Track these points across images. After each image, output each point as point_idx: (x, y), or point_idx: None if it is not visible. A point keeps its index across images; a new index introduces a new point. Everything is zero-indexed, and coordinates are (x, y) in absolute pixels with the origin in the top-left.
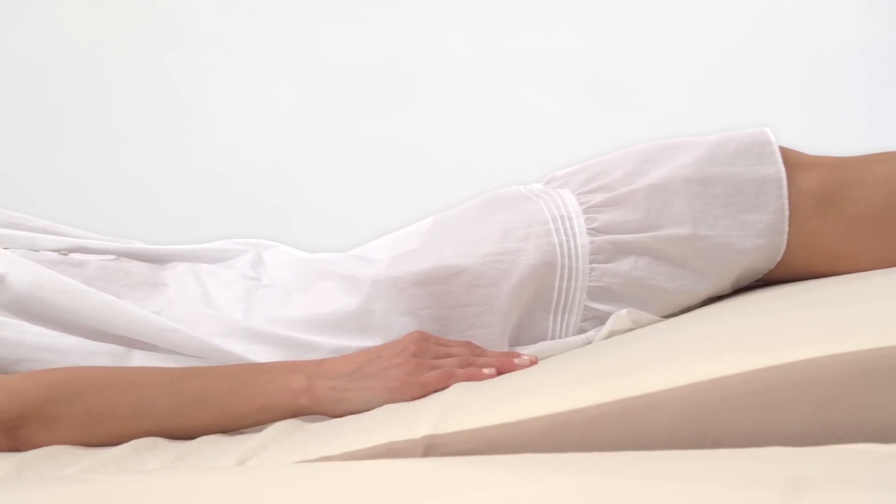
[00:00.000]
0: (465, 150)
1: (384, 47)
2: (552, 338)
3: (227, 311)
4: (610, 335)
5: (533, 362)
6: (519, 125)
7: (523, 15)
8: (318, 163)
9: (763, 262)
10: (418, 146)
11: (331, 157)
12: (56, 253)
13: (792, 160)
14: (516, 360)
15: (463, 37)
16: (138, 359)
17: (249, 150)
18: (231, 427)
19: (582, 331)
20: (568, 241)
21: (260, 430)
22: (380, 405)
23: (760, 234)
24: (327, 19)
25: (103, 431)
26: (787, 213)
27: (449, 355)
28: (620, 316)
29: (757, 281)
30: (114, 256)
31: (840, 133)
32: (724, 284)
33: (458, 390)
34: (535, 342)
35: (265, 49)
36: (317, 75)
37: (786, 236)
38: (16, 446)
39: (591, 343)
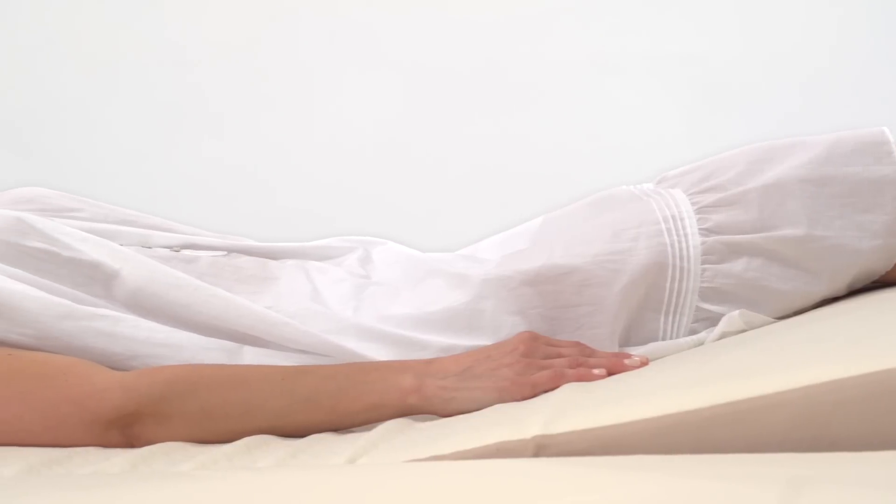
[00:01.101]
0: (575, 151)
1: (491, 47)
2: (663, 339)
3: (337, 308)
4: (722, 336)
5: (644, 363)
6: (628, 125)
7: (632, 15)
8: (424, 162)
9: (879, 263)
10: (526, 146)
11: (437, 157)
12: (168, 249)
13: None
14: (627, 361)
15: (571, 37)
16: (250, 354)
17: (356, 149)
18: (341, 425)
19: (693, 332)
20: (679, 242)
21: (370, 429)
22: (489, 405)
23: (877, 235)
24: (434, 18)
25: (215, 429)
26: None
27: (559, 355)
28: (733, 317)
29: (873, 282)
30: (224, 252)
31: None
32: (840, 286)
33: (568, 391)
34: (645, 343)
35: (372, 48)
36: (423, 75)
37: None
38: (130, 442)
39: (702, 344)
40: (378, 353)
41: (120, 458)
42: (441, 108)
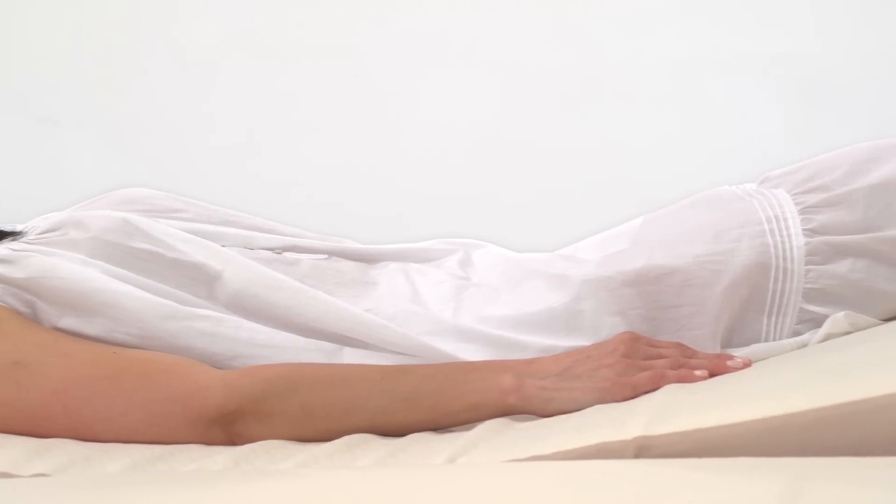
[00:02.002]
0: (676, 151)
1: (590, 46)
2: (766, 340)
3: (436, 310)
4: (826, 338)
5: (746, 365)
6: (730, 125)
7: (733, 13)
8: (521, 163)
9: None
10: (626, 146)
11: (535, 157)
12: (270, 251)
13: None
14: (729, 363)
15: (671, 35)
16: (349, 356)
17: (452, 150)
18: (440, 425)
19: (797, 333)
20: (783, 242)
21: (469, 429)
22: (589, 405)
23: None
24: (532, 17)
25: (315, 427)
26: None
27: (660, 356)
28: (838, 319)
29: None
30: (326, 255)
31: None
32: None
33: (669, 392)
34: (747, 344)
35: (468, 47)
36: (520, 73)
37: None
38: (232, 440)
39: (806, 346)
40: (476, 354)
41: (222, 456)
42: (539, 109)
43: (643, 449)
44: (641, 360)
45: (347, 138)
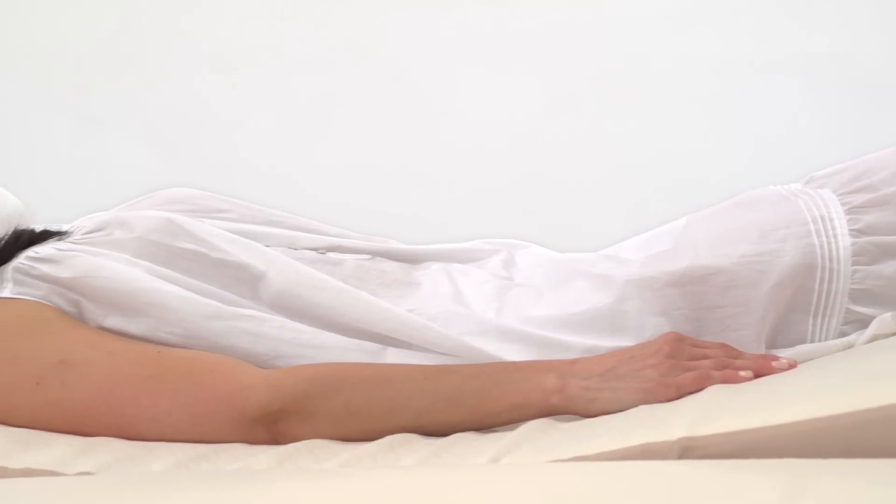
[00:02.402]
0: (720, 150)
1: (633, 45)
2: (811, 341)
3: (480, 310)
4: (873, 339)
5: (792, 366)
6: (775, 125)
7: (779, 13)
8: (565, 163)
9: None
10: (670, 146)
11: (578, 157)
12: (314, 252)
13: None
14: (774, 364)
15: (716, 35)
16: (392, 356)
17: (492, 150)
18: (483, 425)
19: (843, 334)
20: (829, 243)
21: (513, 429)
22: (633, 406)
23: None
24: (570, 16)
25: (359, 427)
26: None
27: (704, 357)
28: (885, 319)
29: None
30: (369, 256)
31: None
32: None
33: (713, 392)
34: (792, 345)
35: (512, 47)
36: (564, 73)
37: None
38: (276, 439)
39: (852, 347)
40: (519, 355)
41: (266, 455)
42: (577, 109)
43: (687, 450)
44: (686, 361)
45: (387, 139)
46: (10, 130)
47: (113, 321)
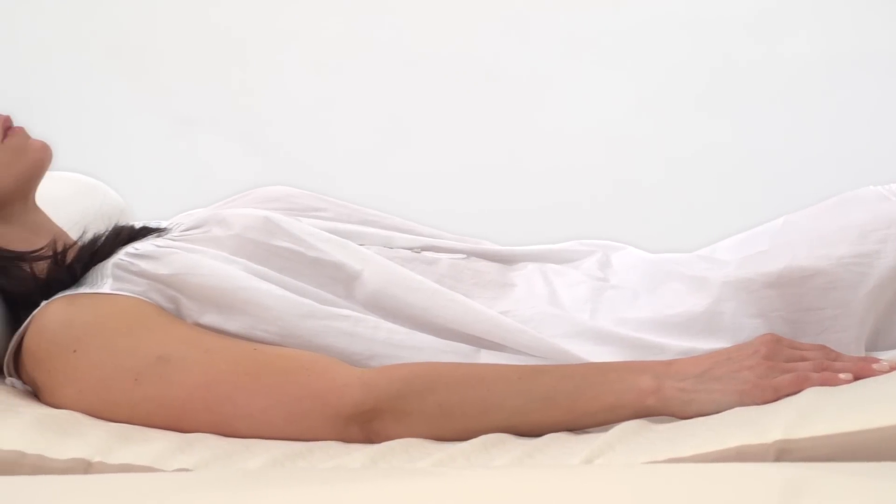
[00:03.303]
0: (817, 150)
1: (725, 45)
2: None
3: (574, 312)
4: None
5: (893, 368)
6: (872, 124)
7: (872, 10)
8: (655, 162)
9: None
10: (765, 145)
11: (674, 157)
12: (409, 251)
13: None
14: (875, 366)
15: (811, 33)
16: (485, 359)
17: (585, 150)
18: (577, 425)
19: None
20: None
21: (606, 430)
22: (730, 408)
23: None
24: (663, 16)
25: (452, 426)
26: None
27: (802, 359)
28: None
29: None
30: (464, 255)
31: None
32: None
33: (811, 395)
34: (893, 348)
35: (602, 46)
36: (652, 73)
37: None
38: (370, 438)
39: None
40: (613, 357)
41: (360, 454)
42: (672, 109)
43: (784, 452)
44: (783, 363)
45: (479, 139)
46: (106, 129)
47: (210, 318)
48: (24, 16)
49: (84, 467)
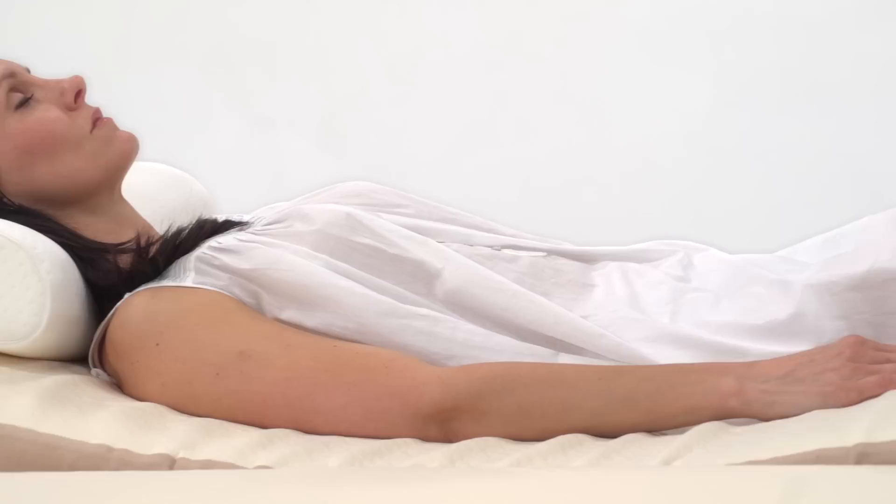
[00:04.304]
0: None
1: (801, 45)
2: None
3: (654, 314)
4: None
5: None
6: None
7: None
8: (734, 163)
9: None
10: (840, 147)
11: (747, 157)
12: (490, 248)
13: None
14: None
15: (887, 32)
16: (564, 361)
17: (664, 151)
18: (657, 427)
19: None
20: None
21: (683, 432)
22: (812, 410)
23: None
24: (743, 15)
25: (531, 426)
26: None
27: (887, 361)
28: None
29: None
30: (544, 254)
31: None
32: None
33: (892, 397)
34: None
35: (679, 48)
36: (733, 73)
37: None
38: (448, 438)
39: None
40: (693, 361)
41: (438, 453)
42: (749, 108)
43: (864, 456)
44: (868, 365)
45: (555, 142)
46: (185, 128)
47: (289, 314)
48: (115, 18)
49: (168, 463)
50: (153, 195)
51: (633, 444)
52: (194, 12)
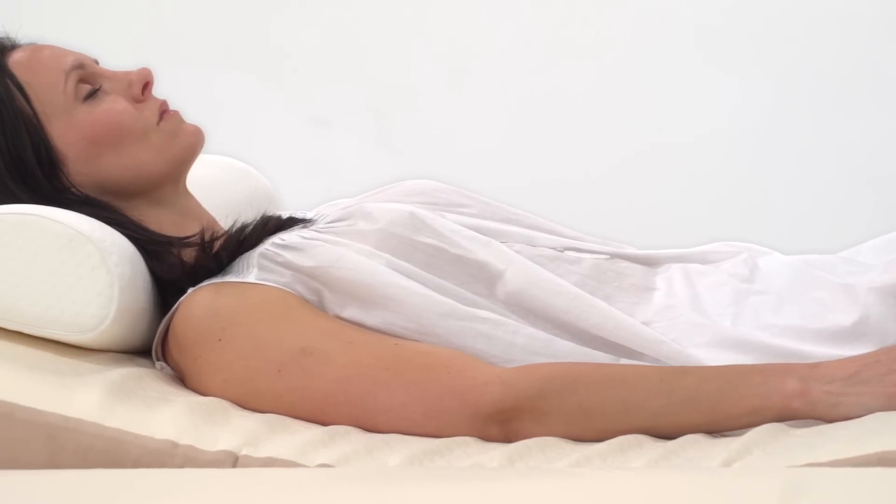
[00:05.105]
0: None
1: (864, 44)
2: None
3: (715, 317)
4: None
5: None
6: None
7: None
8: (796, 163)
9: None
10: None
11: (810, 158)
12: (552, 250)
13: None
14: None
15: None
16: None
17: (726, 151)
18: (718, 428)
19: None
20: None
21: (742, 434)
22: (878, 411)
23: None
24: (801, 16)
25: (592, 427)
26: None
27: None
28: None
29: None
30: (607, 256)
31: None
32: None
33: None
34: None
35: (738, 47)
36: (793, 73)
37: None
38: (508, 438)
39: None
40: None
41: (497, 452)
42: (811, 108)
43: None
44: None
45: (615, 142)
46: (243, 129)
47: (351, 312)
48: (175, 16)
49: (231, 460)
50: (218, 188)
51: (692, 446)
52: (253, 13)
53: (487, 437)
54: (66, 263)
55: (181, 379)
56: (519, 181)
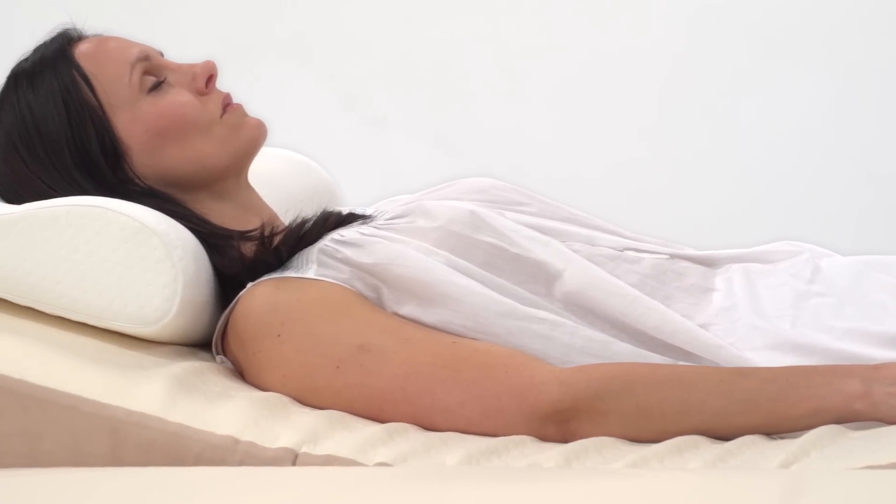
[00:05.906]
0: None
1: None
2: None
3: (775, 319)
4: None
5: None
6: None
7: None
8: (853, 163)
9: None
10: None
11: (867, 158)
12: (612, 249)
13: None
14: None
15: None
16: None
17: (782, 151)
18: (777, 430)
19: None
20: None
21: (799, 436)
22: None
23: None
24: (866, 13)
25: (649, 428)
26: None
27: None
28: None
29: None
30: (667, 256)
31: None
32: None
33: None
34: None
35: (795, 45)
36: (851, 72)
37: None
38: (565, 438)
39: None
40: None
41: (554, 452)
42: (870, 107)
43: None
44: None
45: (665, 142)
46: (298, 129)
47: (408, 309)
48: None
49: (291, 458)
50: (279, 182)
51: (750, 447)
52: (316, 13)
53: (544, 437)
54: (132, 256)
55: (240, 373)
56: (575, 182)
